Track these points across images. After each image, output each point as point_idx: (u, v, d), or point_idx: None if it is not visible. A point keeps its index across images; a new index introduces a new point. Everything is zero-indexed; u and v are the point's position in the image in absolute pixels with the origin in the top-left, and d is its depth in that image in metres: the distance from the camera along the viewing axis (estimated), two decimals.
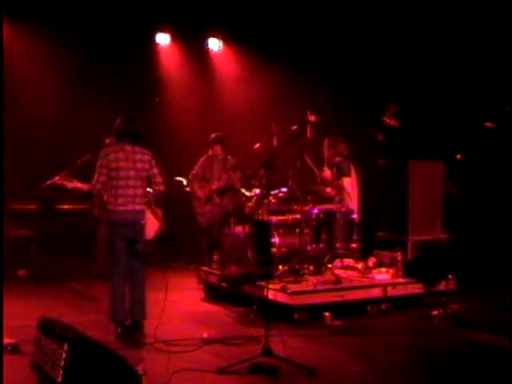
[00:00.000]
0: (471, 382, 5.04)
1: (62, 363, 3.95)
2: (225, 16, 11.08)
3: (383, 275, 7.56)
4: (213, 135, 8.87)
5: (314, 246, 7.60)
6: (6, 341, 5.45)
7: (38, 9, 10.22)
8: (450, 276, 7.42)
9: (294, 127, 6.97)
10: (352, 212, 7.94)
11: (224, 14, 11.00)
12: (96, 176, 6.15)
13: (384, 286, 7.18)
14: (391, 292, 7.16)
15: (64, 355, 3.95)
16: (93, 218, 9.02)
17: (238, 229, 7.95)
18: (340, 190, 7.97)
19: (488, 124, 7.49)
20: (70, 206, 10.37)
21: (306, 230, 7.61)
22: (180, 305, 7.48)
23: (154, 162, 6.34)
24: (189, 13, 10.92)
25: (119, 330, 6.07)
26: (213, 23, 11.41)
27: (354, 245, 7.84)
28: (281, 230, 7.57)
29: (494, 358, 5.57)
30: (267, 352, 5.15)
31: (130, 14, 10.66)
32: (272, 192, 7.67)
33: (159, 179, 6.38)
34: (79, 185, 6.35)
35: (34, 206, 10.15)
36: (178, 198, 9.21)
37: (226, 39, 11.95)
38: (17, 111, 10.08)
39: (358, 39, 10.33)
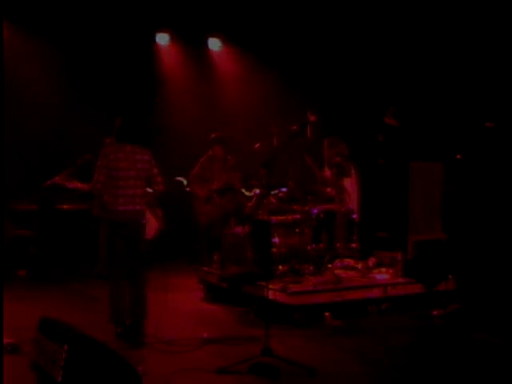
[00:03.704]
0: (471, 381, 5.04)
1: (62, 363, 3.95)
2: (225, 16, 11.08)
3: (383, 275, 7.56)
4: (213, 135, 8.87)
5: (314, 245, 7.61)
6: (5, 341, 5.45)
7: (37, 9, 10.22)
8: (449, 276, 7.42)
9: (294, 127, 6.98)
10: (352, 212, 7.95)
11: (224, 13, 11.00)
12: (96, 176, 6.15)
13: (384, 286, 7.18)
14: (391, 292, 7.16)
15: (64, 355, 3.95)
16: (93, 217, 9.02)
17: (238, 229, 7.95)
18: (340, 190, 7.97)
19: (487, 124, 7.50)
20: (70, 206, 10.35)
21: (306, 230, 7.61)
22: (180, 305, 7.48)
23: (153, 161, 6.35)
24: (189, 13, 10.93)
25: (119, 329, 6.07)
26: (213, 23, 11.41)
27: (353, 245, 7.85)
28: (281, 230, 7.57)
29: (494, 357, 5.57)
30: (267, 352, 5.15)
31: (130, 14, 10.66)
32: (272, 192, 7.67)
33: (159, 179, 6.39)
34: (79, 185, 6.35)
35: (33, 206, 10.13)
36: (178, 197, 9.21)
37: (226, 39, 11.95)
38: (17, 111, 10.06)
39: (358, 40, 10.34)
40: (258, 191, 7.98)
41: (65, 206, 10.33)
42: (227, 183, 8.73)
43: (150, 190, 6.42)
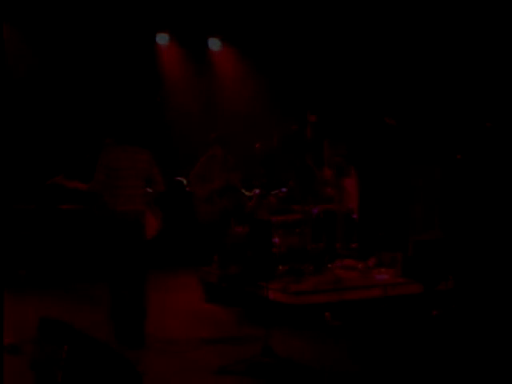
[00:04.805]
0: (472, 381, 5.05)
1: (62, 363, 3.95)
2: (225, 16, 11.08)
3: (383, 275, 7.57)
4: (213, 135, 8.86)
5: (314, 245, 7.61)
6: (6, 341, 5.45)
7: (37, 8, 10.22)
8: (449, 276, 7.42)
9: (294, 127, 6.99)
10: (352, 212, 7.95)
11: (224, 13, 11.00)
12: (96, 176, 6.16)
13: (384, 286, 7.18)
14: (391, 292, 7.16)
15: (64, 355, 3.95)
16: (93, 217, 9.01)
17: (238, 229, 7.96)
18: (340, 190, 7.98)
19: (488, 124, 7.50)
20: (70, 206, 10.34)
21: (306, 230, 7.62)
22: (180, 305, 7.48)
23: (153, 161, 6.36)
24: (189, 13, 10.93)
25: (119, 329, 6.07)
26: (213, 23, 11.41)
27: (353, 245, 7.86)
28: (281, 230, 7.58)
29: (494, 357, 5.57)
30: (267, 352, 5.15)
31: (130, 15, 10.66)
32: (272, 192, 7.67)
33: (158, 179, 6.39)
34: (79, 184, 6.35)
35: (33, 206, 10.13)
36: (178, 197, 9.20)
37: (225, 39, 11.95)
38: (17, 111, 10.06)
39: (358, 40, 10.34)
40: (257, 191, 7.98)
41: (65, 206, 10.33)
42: (227, 183, 8.73)
43: (149, 190, 6.42)
